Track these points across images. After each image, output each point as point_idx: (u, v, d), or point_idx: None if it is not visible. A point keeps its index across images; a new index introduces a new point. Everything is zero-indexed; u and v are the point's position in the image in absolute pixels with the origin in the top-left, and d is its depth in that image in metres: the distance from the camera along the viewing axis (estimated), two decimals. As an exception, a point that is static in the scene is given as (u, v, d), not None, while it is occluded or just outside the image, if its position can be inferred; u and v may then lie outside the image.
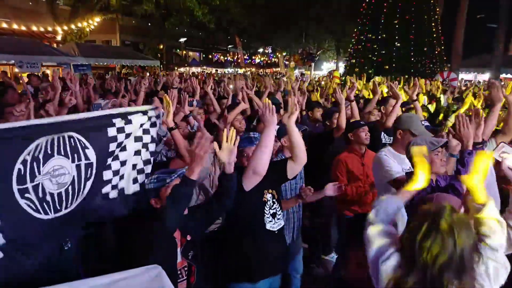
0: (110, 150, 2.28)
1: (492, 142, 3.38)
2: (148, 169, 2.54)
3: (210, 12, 25.53)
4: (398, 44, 17.70)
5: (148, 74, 21.01)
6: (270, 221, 2.70)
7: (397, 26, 17.65)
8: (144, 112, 2.48)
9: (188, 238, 2.35)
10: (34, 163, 1.90)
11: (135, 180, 2.48)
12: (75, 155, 2.09)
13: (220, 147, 2.37)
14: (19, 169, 1.85)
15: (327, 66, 39.48)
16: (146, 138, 2.49)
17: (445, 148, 2.74)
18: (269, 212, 2.71)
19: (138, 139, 2.44)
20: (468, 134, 2.48)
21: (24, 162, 1.86)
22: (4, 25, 16.37)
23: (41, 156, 1.93)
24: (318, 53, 33.52)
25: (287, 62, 41.24)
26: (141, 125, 2.45)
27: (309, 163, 2.91)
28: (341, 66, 30.91)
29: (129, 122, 2.36)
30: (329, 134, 4.30)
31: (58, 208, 2.04)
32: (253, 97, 4.56)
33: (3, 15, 17.52)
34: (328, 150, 4.25)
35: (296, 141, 2.65)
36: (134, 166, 2.46)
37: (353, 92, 4.94)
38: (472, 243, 1.50)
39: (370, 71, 17.31)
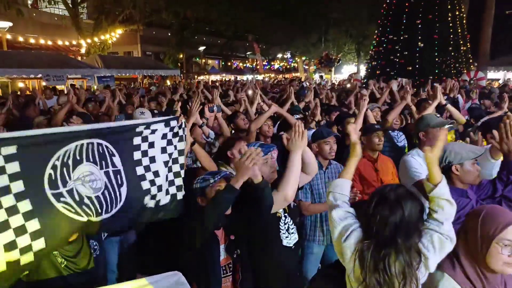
0: (135, 159, 2.32)
1: None
2: (179, 181, 2.58)
3: (230, 21, 25.92)
4: (421, 45, 17.22)
5: (168, 83, 21.36)
6: (286, 237, 2.67)
7: (419, 26, 17.20)
8: (166, 123, 2.51)
9: (232, 237, 2.42)
10: (64, 169, 1.96)
11: (167, 192, 2.52)
12: (103, 162, 2.15)
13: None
14: (50, 174, 1.90)
15: (347, 69, 39.08)
16: (170, 149, 2.54)
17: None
18: (284, 227, 2.68)
19: (164, 150, 2.49)
20: None
21: (54, 167, 1.91)
22: (32, 40, 17.06)
23: (70, 162, 1.99)
24: (339, 57, 33.18)
25: (306, 67, 41.10)
26: (164, 136, 2.49)
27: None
28: (362, 68, 30.53)
29: (152, 132, 2.42)
30: (341, 140, 4.17)
31: (100, 211, 2.11)
32: (285, 114, 4.53)
33: (31, 31, 18.29)
34: (341, 156, 4.10)
35: (308, 159, 2.67)
36: (166, 177, 2.51)
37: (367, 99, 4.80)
38: (418, 211, 1.71)
39: (392, 73, 16.91)
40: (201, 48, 36.74)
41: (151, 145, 2.41)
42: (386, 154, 4.04)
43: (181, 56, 33.84)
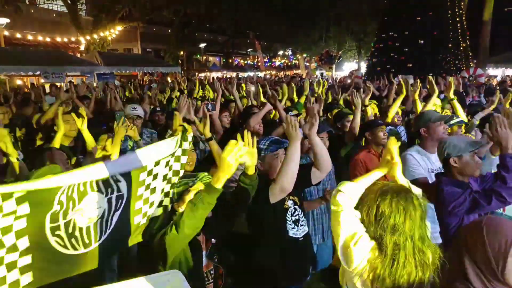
0: (140, 180, 2.18)
1: None
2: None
3: (231, 18, 25.86)
4: (421, 41, 17.18)
5: (169, 80, 21.31)
6: (293, 228, 2.64)
7: (419, 22, 17.17)
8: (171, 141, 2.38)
9: (213, 241, 2.33)
10: (70, 203, 1.86)
11: (160, 203, 2.40)
12: (109, 189, 2.03)
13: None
14: (56, 210, 1.81)
15: (348, 66, 38.97)
16: (171, 160, 2.40)
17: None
18: (291, 219, 2.66)
19: (167, 164, 2.34)
20: (507, 135, 2.33)
21: (60, 203, 1.82)
22: (30, 37, 17.00)
23: (75, 196, 1.88)
24: (339, 54, 33.10)
25: (307, 64, 41.01)
26: (172, 152, 2.36)
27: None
28: (363, 65, 30.46)
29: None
30: (341, 138, 4.16)
31: (87, 242, 1.98)
32: (280, 108, 4.51)
33: (29, 28, 18.22)
34: (340, 154, 4.09)
35: (319, 151, 2.63)
36: (161, 190, 2.40)
37: (368, 97, 4.81)
38: None
39: (393, 70, 16.88)
40: (202, 45, 36.63)
41: (157, 163, 2.26)
42: None
43: (182, 53, 33.73)
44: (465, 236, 1.59)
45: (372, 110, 5.13)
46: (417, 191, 1.79)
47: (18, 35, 17.05)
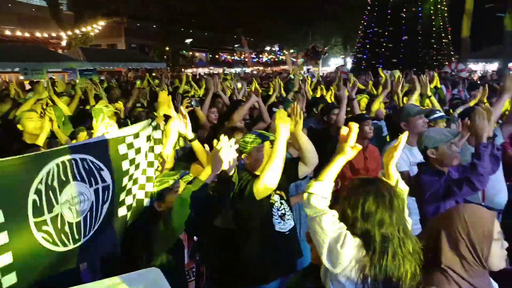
0: (124, 169, 2.16)
1: (498, 130, 3.29)
2: (151, 187, 2.37)
3: (221, 14, 25.70)
4: (405, 37, 17.45)
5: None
6: (279, 223, 2.65)
7: (403, 19, 17.42)
8: (146, 126, 2.35)
9: (195, 239, 2.33)
10: (50, 192, 1.79)
11: (134, 196, 2.34)
12: (92, 179, 1.98)
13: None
14: (34, 200, 1.73)
15: (335, 62, 39.18)
16: (147, 151, 2.37)
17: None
18: (277, 213, 2.67)
19: (145, 154, 2.31)
20: (484, 127, 2.46)
21: (38, 192, 1.74)
22: (8, 32, 16.58)
23: (55, 184, 1.81)
24: (325, 49, 33.22)
25: (294, 60, 41.06)
26: (148, 138, 2.32)
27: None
28: (349, 61, 30.65)
29: (137, 136, 2.25)
30: (327, 131, 4.17)
31: (77, 237, 1.93)
32: (262, 107, 4.49)
33: (7, 23, 17.76)
34: (327, 147, 4.10)
35: (305, 148, 2.65)
36: (135, 180, 2.35)
37: (354, 90, 4.82)
38: None
39: (377, 65, 17.09)
40: (188, 41, 36.31)
41: (138, 151, 2.22)
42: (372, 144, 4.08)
43: (168, 49, 33.35)
44: (445, 225, 1.58)
45: (364, 103, 5.16)
46: (404, 188, 1.82)
47: (-5, 30, 16.61)
